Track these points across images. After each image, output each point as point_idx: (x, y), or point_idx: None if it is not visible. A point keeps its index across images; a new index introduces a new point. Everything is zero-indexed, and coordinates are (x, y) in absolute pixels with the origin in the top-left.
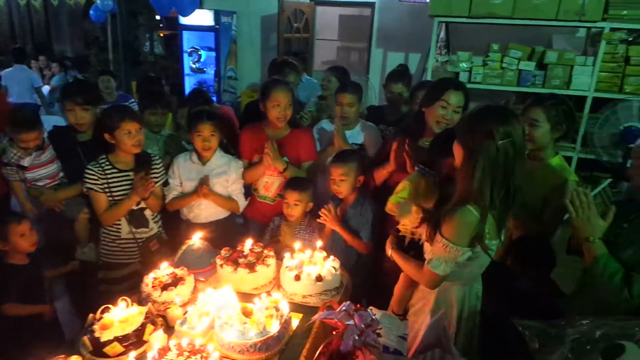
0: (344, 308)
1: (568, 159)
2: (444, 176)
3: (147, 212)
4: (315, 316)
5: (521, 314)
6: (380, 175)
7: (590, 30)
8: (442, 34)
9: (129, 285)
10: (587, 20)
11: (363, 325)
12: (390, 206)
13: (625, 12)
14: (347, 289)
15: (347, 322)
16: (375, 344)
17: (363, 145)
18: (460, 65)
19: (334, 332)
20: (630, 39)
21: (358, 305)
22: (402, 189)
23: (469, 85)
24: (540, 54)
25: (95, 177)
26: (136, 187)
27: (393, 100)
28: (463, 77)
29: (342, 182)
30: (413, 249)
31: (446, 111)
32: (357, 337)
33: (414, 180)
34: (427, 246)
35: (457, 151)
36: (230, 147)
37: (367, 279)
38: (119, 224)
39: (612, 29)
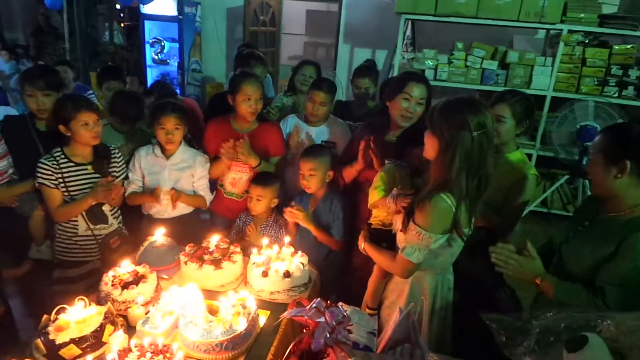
0: (314, 305)
1: (528, 157)
2: (413, 168)
3: (106, 207)
4: (285, 314)
5: (485, 306)
6: (349, 174)
7: (549, 32)
8: (408, 31)
9: (87, 284)
10: (547, 22)
11: (334, 323)
12: (375, 201)
13: (582, 15)
14: (316, 285)
15: (318, 320)
16: (346, 341)
17: (334, 142)
18: (427, 62)
19: (305, 330)
20: (587, 41)
21: (329, 302)
22: (378, 180)
23: (434, 83)
24: (502, 53)
25: (49, 172)
26: (96, 192)
27: (360, 95)
28: (429, 74)
29: (312, 177)
30: (385, 241)
31: (409, 104)
32: (328, 335)
33: (388, 171)
34: (400, 235)
35: (430, 142)
36: (194, 140)
37: (337, 275)
38: (76, 221)
39: (570, 31)
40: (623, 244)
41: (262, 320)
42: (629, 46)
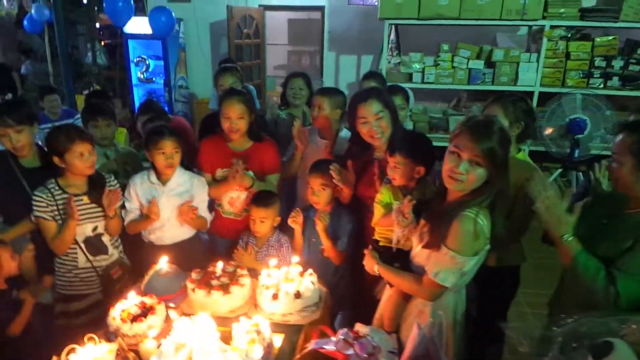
0: (341, 337)
1: None
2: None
3: (105, 238)
4: (310, 344)
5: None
6: (343, 197)
7: (531, 28)
8: (392, 36)
9: (90, 318)
10: (529, 18)
11: (365, 355)
12: (377, 219)
13: (562, 10)
14: (327, 303)
15: (347, 352)
16: None
17: None
18: (413, 66)
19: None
20: (569, 35)
21: (354, 332)
22: (378, 198)
23: (422, 86)
24: (487, 52)
25: (44, 204)
26: (72, 210)
27: None
28: (416, 77)
29: (322, 192)
30: (395, 260)
31: (369, 125)
32: None
33: (384, 189)
34: (423, 255)
35: (485, 175)
36: (186, 160)
37: (347, 291)
38: (75, 253)
39: (552, 27)
40: None
41: (277, 341)
42: (610, 38)
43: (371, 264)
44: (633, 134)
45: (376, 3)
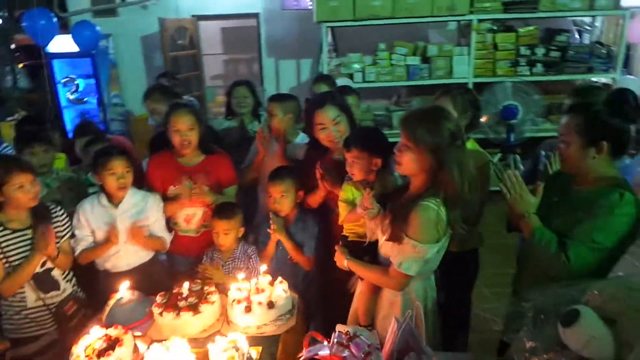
0: (335, 340)
1: None
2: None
3: (56, 272)
4: (303, 353)
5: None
6: (314, 201)
7: (460, 23)
8: (329, 38)
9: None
10: (457, 14)
11: (362, 355)
12: (344, 217)
13: (488, 4)
14: (300, 309)
15: (343, 355)
16: None
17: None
18: (353, 66)
19: None
20: (495, 27)
21: (347, 334)
22: (342, 197)
23: (363, 85)
24: (422, 48)
25: None
26: (38, 244)
27: None
28: (357, 77)
29: (283, 199)
30: (365, 254)
31: (327, 130)
32: None
33: (347, 188)
34: (387, 246)
35: (415, 159)
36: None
37: (318, 295)
38: (23, 292)
39: (479, 20)
40: (589, 209)
41: (254, 354)
42: (531, 28)
43: (341, 260)
44: (578, 116)
45: (310, 7)
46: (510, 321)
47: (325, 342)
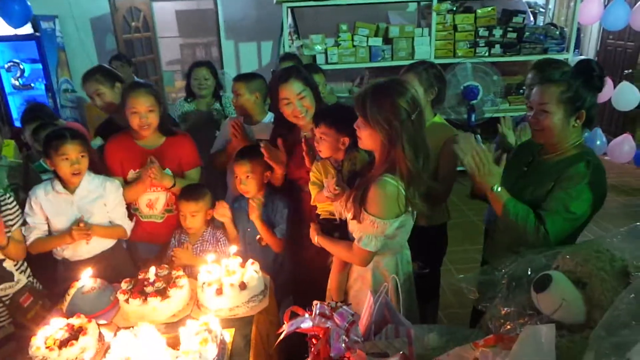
0: (318, 311)
1: None
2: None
3: (8, 263)
4: (285, 327)
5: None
6: (276, 179)
7: (420, 4)
8: (290, 19)
9: (4, 354)
10: None
11: (347, 324)
12: (314, 196)
13: None
14: (271, 290)
15: (327, 325)
16: (358, 339)
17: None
18: (316, 47)
19: (314, 340)
20: (454, 8)
21: (328, 305)
22: (311, 176)
23: (326, 67)
24: (384, 29)
25: None
26: None
27: None
28: (320, 59)
29: (249, 179)
30: (336, 231)
31: (292, 106)
32: (347, 339)
33: (316, 166)
34: (352, 224)
35: (368, 134)
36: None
37: (289, 275)
38: None
39: (439, 1)
40: (559, 177)
41: (227, 337)
42: (489, 9)
43: (314, 236)
44: (561, 84)
45: None
46: (484, 289)
47: (307, 315)
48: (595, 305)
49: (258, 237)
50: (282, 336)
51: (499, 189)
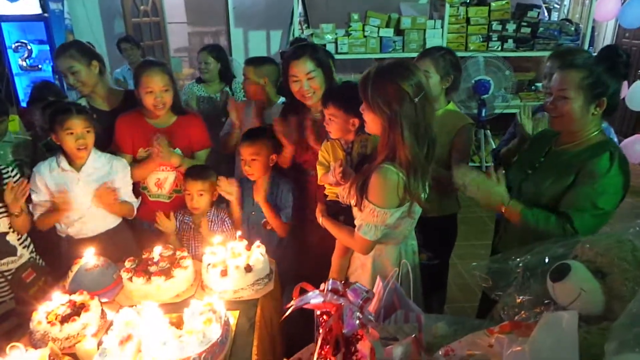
0: (329, 287)
1: None
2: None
3: (11, 237)
4: (294, 302)
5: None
6: (284, 161)
7: None
8: (300, 8)
9: (5, 329)
10: None
11: (360, 301)
12: (320, 177)
13: None
14: (276, 274)
15: (339, 302)
16: (371, 317)
17: None
18: (326, 37)
19: (325, 317)
20: (468, 1)
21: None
22: (320, 157)
23: (336, 56)
24: (395, 20)
25: None
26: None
27: None
28: (330, 48)
29: (254, 162)
30: (342, 214)
31: (300, 84)
32: (360, 315)
33: (325, 147)
34: (356, 211)
35: (371, 118)
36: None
37: (293, 260)
38: None
39: None
40: (582, 171)
41: (232, 319)
42: (503, 2)
43: (319, 216)
44: (581, 70)
45: None
46: (496, 278)
47: (317, 291)
48: (614, 296)
49: (263, 221)
50: (289, 310)
51: (509, 202)
